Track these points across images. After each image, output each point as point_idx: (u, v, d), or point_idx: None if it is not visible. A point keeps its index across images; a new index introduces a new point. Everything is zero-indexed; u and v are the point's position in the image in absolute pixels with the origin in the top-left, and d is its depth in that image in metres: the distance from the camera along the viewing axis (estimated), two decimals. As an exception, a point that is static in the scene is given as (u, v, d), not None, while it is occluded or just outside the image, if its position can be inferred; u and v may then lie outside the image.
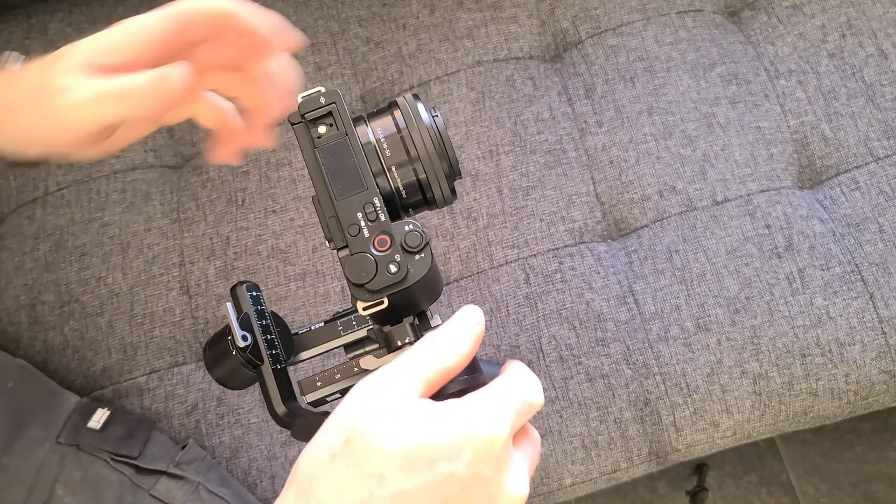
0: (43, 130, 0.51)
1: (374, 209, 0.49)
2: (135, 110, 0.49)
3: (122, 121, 0.53)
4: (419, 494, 0.39)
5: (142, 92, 0.49)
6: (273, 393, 0.56)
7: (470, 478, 0.40)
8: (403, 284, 0.48)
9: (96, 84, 0.49)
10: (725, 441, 0.89)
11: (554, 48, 1.07)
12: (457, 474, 0.40)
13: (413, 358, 0.44)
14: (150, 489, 0.78)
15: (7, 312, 0.94)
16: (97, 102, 0.49)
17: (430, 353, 0.45)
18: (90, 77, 0.50)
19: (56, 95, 0.49)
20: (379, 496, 0.39)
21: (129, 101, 0.49)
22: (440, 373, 0.44)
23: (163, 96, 0.49)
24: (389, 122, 0.52)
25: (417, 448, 0.40)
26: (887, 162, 0.95)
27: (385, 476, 0.39)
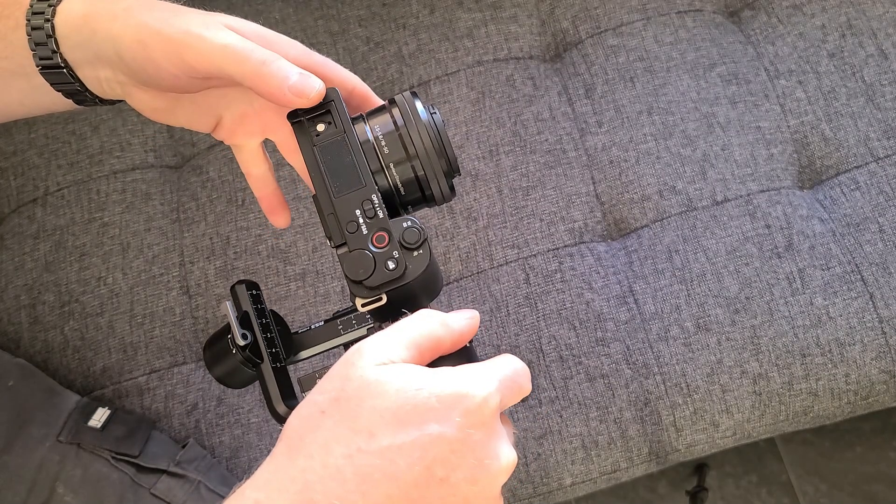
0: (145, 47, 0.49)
1: (373, 206, 0.49)
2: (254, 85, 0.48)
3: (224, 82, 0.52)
4: (407, 452, 0.40)
5: (278, 76, 0.48)
6: (273, 391, 0.56)
7: (459, 440, 0.40)
8: (402, 281, 0.48)
9: (235, 36, 0.48)
10: (725, 441, 0.89)
11: (554, 48, 1.07)
12: (446, 435, 0.40)
13: (406, 324, 0.45)
14: (151, 488, 0.78)
15: (7, 312, 0.95)
16: (228, 53, 0.48)
17: (423, 323, 0.45)
18: (218, 25, 0.49)
19: (194, 23, 0.48)
20: (367, 451, 0.39)
21: (259, 71, 0.48)
22: (431, 341, 0.45)
23: (290, 94, 0.48)
24: (388, 120, 0.52)
25: (408, 407, 0.40)
26: (887, 162, 0.95)
27: (374, 432, 0.40)
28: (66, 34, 0.50)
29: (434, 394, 0.41)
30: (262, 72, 0.47)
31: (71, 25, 0.50)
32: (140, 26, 0.48)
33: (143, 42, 0.48)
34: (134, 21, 0.49)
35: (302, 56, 0.52)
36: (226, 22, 0.50)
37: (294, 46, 0.53)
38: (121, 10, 0.49)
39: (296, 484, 0.39)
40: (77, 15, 0.50)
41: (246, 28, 0.51)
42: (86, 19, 0.50)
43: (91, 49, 0.50)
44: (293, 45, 0.53)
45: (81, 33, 0.50)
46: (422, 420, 0.40)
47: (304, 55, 0.52)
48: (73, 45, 0.50)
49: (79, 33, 0.50)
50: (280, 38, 0.52)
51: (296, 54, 0.52)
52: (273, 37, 0.52)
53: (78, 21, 0.50)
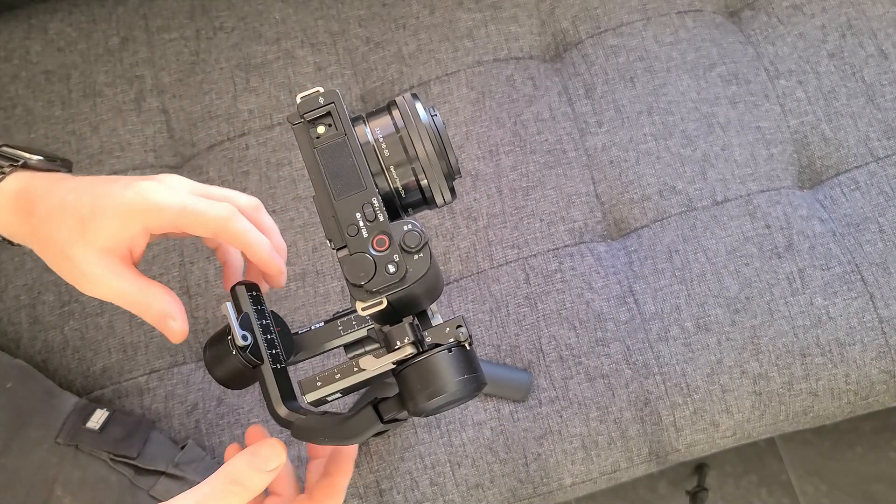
0: (61, 269, 0.58)
1: (373, 209, 0.49)
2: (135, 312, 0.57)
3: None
4: None
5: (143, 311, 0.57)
6: (273, 393, 0.56)
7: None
8: (402, 285, 0.48)
9: (126, 280, 0.57)
10: (725, 441, 0.89)
11: (554, 48, 1.07)
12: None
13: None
14: (150, 489, 0.78)
15: (7, 312, 0.95)
16: (121, 299, 0.57)
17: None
18: (111, 266, 0.57)
19: (81, 276, 0.57)
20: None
21: (135, 307, 0.57)
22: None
23: (154, 323, 0.57)
24: (388, 122, 0.52)
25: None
26: (887, 162, 0.95)
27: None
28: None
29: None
30: (145, 317, 0.59)
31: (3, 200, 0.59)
32: (52, 263, 0.58)
33: (60, 268, 0.59)
34: (47, 257, 0.59)
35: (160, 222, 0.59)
36: (101, 245, 0.57)
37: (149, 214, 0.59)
38: (30, 234, 0.59)
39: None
40: (4, 227, 0.60)
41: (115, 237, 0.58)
42: (13, 234, 0.60)
43: (19, 232, 0.60)
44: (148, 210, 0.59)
45: (13, 235, 0.60)
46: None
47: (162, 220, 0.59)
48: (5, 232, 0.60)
49: (9, 216, 0.59)
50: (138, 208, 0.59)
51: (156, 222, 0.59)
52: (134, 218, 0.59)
53: (6, 229, 0.60)
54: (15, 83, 1.03)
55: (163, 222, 0.57)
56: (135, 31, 1.06)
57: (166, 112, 1.03)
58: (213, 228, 0.58)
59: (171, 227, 0.58)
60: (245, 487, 0.52)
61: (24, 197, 0.59)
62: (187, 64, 1.04)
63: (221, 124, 1.01)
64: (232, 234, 0.59)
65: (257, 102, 1.02)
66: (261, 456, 0.53)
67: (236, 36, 1.05)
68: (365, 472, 0.86)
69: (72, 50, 1.05)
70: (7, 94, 1.03)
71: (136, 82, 1.03)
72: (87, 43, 1.05)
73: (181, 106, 1.03)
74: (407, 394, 0.52)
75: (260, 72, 1.03)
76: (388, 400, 0.54)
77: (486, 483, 0.86)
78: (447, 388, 0.50)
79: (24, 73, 1.04)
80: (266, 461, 0.53)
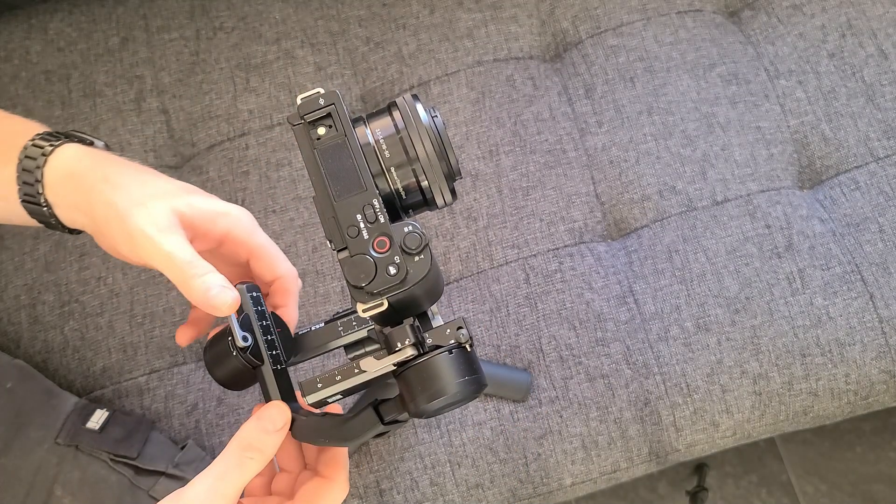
0: (110, 227, 0.57)
1: (374, 211, 0.49)
2: (182, 290, 0.55)
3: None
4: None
5: (201, 289, 0.55)
6: (273, 393, 0.56)
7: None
8: (403, 286, 0.48)
9: (179, 245, 0.55)
10: (725, 441, 0.89)
11: (554, 48, 1.07)
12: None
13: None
14: (150, 490, 0.78)
15: (7, 312, 0.94)
16: (168, 261, 0.55)
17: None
18: (177, 228, 0.56)
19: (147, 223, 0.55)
20: None
21: (188, 283, 0.55)
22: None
23: (208, 306, 0.55)
24: (388, 123, 0.52)
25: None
26: (887, 162, 0.95)
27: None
28: (52, 182, 0.59)
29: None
30: (189, 284, 0.54)
31: (57, 176, 0.59)
32: (109, 208, 0.56)
33: (109, 224, 0.57)
34: (105, 199, 0.57)
35: (242, 234, 0.61)
36: (182, 209, 0.57)
37: (239, 222, 0.61)
38: (99, 181, 0.58)
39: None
40: (64, 171, 0.59)
41: (197, 212, 0.58)
42: (71, 178, 0.58)
43: (71, 201, 0.59)
44: (240, 219, 0.61)
45: (65, 187, 0.59)
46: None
47: (245, 234, 0.61)
48: (56, 191, 0.59)
49: (63, 186, 0.59)
50: (229, 213, 0.61)
51: (239, 231, 0.60)
52: (222, 214, 0.60)
53: (64, 176, 0.59)
54: (15, 83, 1.03)
55: (246, 239, 0.61)
56: (135, 31, 1.05)
57: (166, 112, 1.03)
58: (279, 274, 0.62)
59: (248, 249, 0.61)
60: (260, 451, 0.53)
61: (101, 153, 0.61)
62: (187, 64, 1.04)
63: (221, 124, 1.01)
64: (289, 290, 0.63)
65: (257, 102, 1.02)
66: (267, 418, 0.54)
67: (236, 36, 1.05)
68: (365, 472, 0.86)
69: (72, 50, 1.05)
70: (7, 94, 1.03)
71: (136, 82, 1.03)
72: (87, 43, 1.05)
73: (181, 106, 1.03)
74: (408, 395, 0.52)
75: (260, 72, 1.03)
76: (389, 401, 0.54)
77: (486, 483, 0.86)
78: (448, 389, 0.50)
79: (24, 73, 1.04)
80: (273, 421, 0.54)
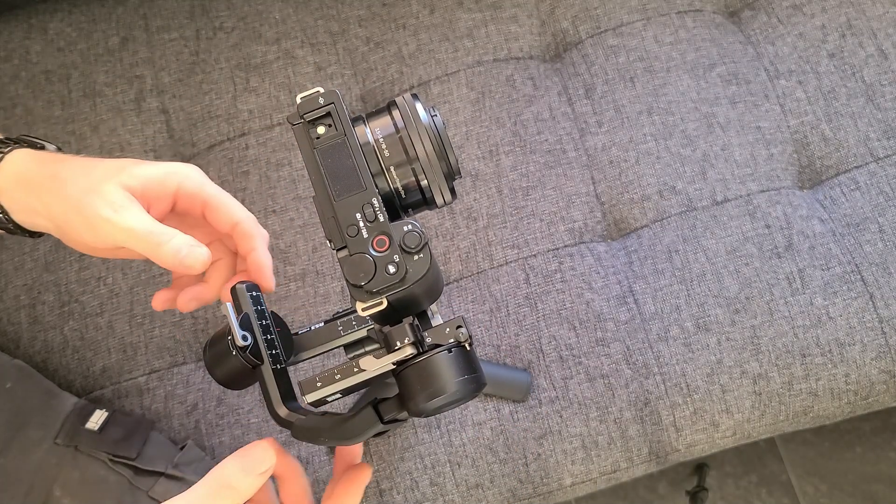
0: (68, 221, 0.58)
1: (373, 210, 0.49)
2: (154, 259, 0.57)
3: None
4: None
5: (171, 253, 0.56)
6: (273, 393, 0.56)
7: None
8: (402, 285, 0.48)
9: (138, 218, 0.56)
10: (725, 441, 0.89)
11: (554, 48, 1.07)
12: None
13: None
14: (149, 490, 0.78)
15: (7, 312, 0.95)
16: (131, 236, 0.56)
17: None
18: (133, 203, 0.57)
19: (102, 206, 0.56)
20: None
21: (156, 251, 0.56)
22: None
23: (182, 267, 0.56)
24: (388, 123, 0.52)
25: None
26: (887, 162, 0.95)
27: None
28: (4, 190, 0.59)
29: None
30: (158, 252, 0.56)
31: (8, 184, 0.59)
32: (64, 203, 0.57)
33: (68, 218, 0.57)
34: (58, 195, 0.57)
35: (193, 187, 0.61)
36: (130, 182, 0.58)
37: (187, 178, 0.61)
38: (48, 180, 0.58)
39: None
40: (13, 178, 0.59)
41: (144, 180, 0.59)
42: (21, 183, 0.59)
43: (26, 205, 0.59)
44: (187, 175, 0.62)
45: (18, 192, 0.59)
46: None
47: (195, 187, 0.61)
48: (10, 198, 0.59)
49: (16, 192, 0.59)
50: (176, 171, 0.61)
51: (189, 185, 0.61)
52: (170, 174, 0.61)
53: (14, 183, 0.59)
54: (15, 83, 1.03)
55: (197, 193, 0.61)
56: (135, 31, 1.06)
57: (166, 112, 1.03)
58: (236, 220, 0.62)
59: (200, 202, 0.61)
60: (236, 490, 0.52)
61: (48, 155, 0.61)
62: (187, 64, 1.04)
63: (221, 124, 1.01)
64: (250, 232, 0.62)
65: (257, 102, 1.02)
66: (251, 458, 0.52)
67: (236, 36, 1.05)
68: (365, 472, 0.86)
69: (72, 50, 1.05)
70: (7, 94, 1.03)
71: (136, 82, 1.03)
72: (87, 43, 1.05)
73: (181, 106, 1.03)
74: (407, 394, 0.51)
75: (260, 72, 1.03)
76: (389, 400, 0.54)
77: (486, 483, 0.86)
78: (447, 388, 0.50)
79: (24, 73, 1.04)
80: (256, 464, 0.52)
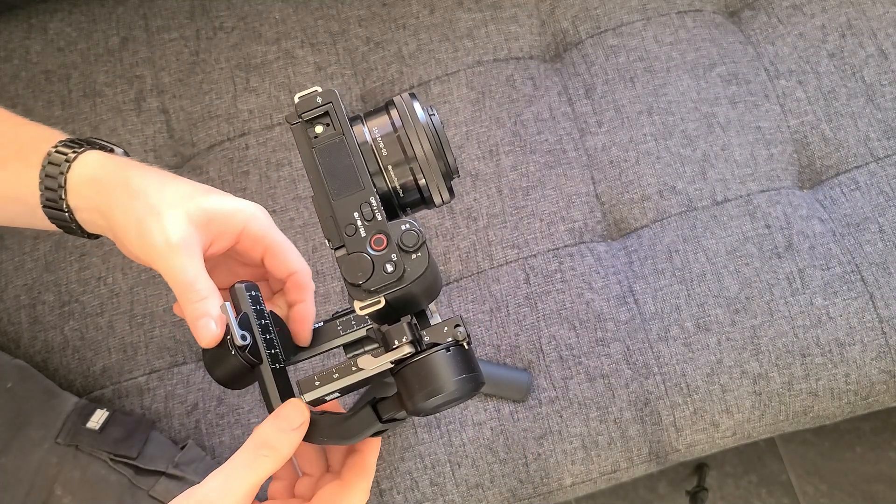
0: (126, 233, 0.57)
1: (371, 209, 0.49)
2: (179, 303, 0.57)
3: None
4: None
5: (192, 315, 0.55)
6: (272, 393, 0.56)
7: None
8: (400, 284, 0.48)
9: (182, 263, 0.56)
10: (725, 441, 0.89)
11: (554, 48, 1.07)
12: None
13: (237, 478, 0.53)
14: (150, 490, 0.78)
15: (7, 312, 0.95)
16: (170, 277, 0.56)
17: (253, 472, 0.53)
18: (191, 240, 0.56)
19: (158, 235, 0.56)
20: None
21: (183, 303, 0.56)
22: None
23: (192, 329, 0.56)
24: (386, 122, 0.52)
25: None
26: (887, 162, 0.95)
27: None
28: (74, 187, 0.59)
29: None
30: (186, 307, 0.55)
31: (80, 181, 0.59)
32: (126, 215, 0.57)
33: (126, 231, 0.57)
34: (123, 205, 0.57)
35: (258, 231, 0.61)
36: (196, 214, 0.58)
37: (255, 220, 0.61)
38: (119, 185, 0.58)
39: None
40: (86, 176, 0.59)
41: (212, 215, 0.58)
42: (93, 182, 0.59)
43: (92, 204, 0.59)
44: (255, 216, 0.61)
45: (88, 191, 0.59)
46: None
47: (261, 231, 0.61)
48: (78, 196, 0.59)
49: (85, 190, 0.59)
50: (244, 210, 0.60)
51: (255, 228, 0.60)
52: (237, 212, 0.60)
53: (86, 181, 0.59)
54: (15, 83, 1.04)
55: (262, 236, 0.60)
56: (135, 31, 1.06)
57: (166, 112, 1.03)
58: (294, 270, 0.61)
59: (263, 245, 0.60)
60: (274, 449, 0.53)
61: (123, 159, 0.61)
62: (187, 64, 1.04)
63: (221, 124, 1.01)
64: (304, 284, 0.62)
65: (257, 102, 1.02)
66: (283, 416, 0.54)
67: (236, 36, 1.05)
68: (364, 471, 0.86)
69: (72, 50, 1.05)
70: (7, 94, 1.03)
71: (136, 82, 1.03)
72: (87, 43, 1.05)
73: (181, 106, 1.03)
74: (405, 393, 0.52)
75: (260, 72, 1.03)
76: (387, 399, 0.54)
77: (486, 483, 0.86)
78: (445, 387, 0.50)
79: (24, 73, 1.04)
80: (290, 420, 0.54)
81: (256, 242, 0.60)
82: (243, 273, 0.63)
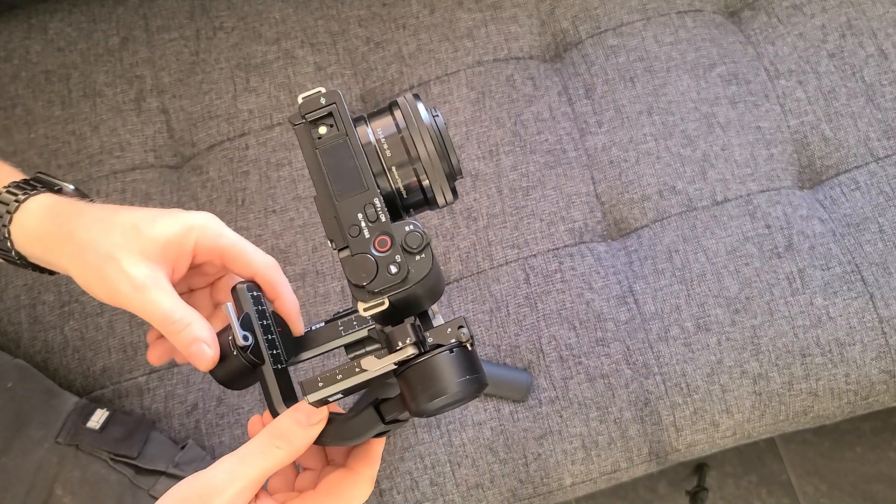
0: (88, 283, 0.57)
1: (375, 210, 0.49)
2: (168, 339, 0.56)
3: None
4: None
5: (183, 344, 0.55)
6: (274, 393, 0.56)
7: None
8: (404, 285, 0.48)
9: (156, 300, 0.55)
10: (725, 441, 0.89)
11: (554, 48, 1.07)
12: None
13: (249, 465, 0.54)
14: (150, 489, 0.78)
15: (7, 312, 0.94)
16: (149, 317, 0.56)
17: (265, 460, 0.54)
18: (157, 277, 0.56)
19: (121, 282, 0.55)
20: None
21: (171, 337, 0.56)
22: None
23: (189, 358, 0.56)
24: (390, 123, 0.51)
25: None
26: (887, 162, 0.95)
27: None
28: (21, 244, 0.59)
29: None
30: (174, 339, 0.55)
31: (24, 240, 0.59)
32: (83, 269, 0.57)
33: (88, 283, 0.57)
34: (75, 262, 0.57)
35: (209, 241, 0.60)
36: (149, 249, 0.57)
37: (204, 231, 0.60)
38: (65, 242, 0.57)
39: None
40: (30, 235, 0.59)
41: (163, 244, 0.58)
42: (38, 241, 0.59)
43: (43, 259, 0.59)
44: (204, 227, 0.60)
45: (34, 248, 0.59)
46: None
47: (211, 240, 0.60)
48: (27, 250, 0.59)
49: (32, 248, 0.59)
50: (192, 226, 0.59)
51: (206, 240, 0.59)
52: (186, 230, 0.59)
53: (31, 240, 0.59)
54: (15, 83, 1.03)
55: (214, 245, 0.59)
56: (135, 31, 1.06)
57: (166, 112, 1.03)
58: (256, 269, 0.60)
59: (219, 253, 0.60)
60: (290, 442, 0.53)
61: (63, 205, 0.60)
62: (187, 64, 1.04)
63: (221, 124, 1.01)
64: (272, 279, 0.61)
65: (257, 102, 1.02)
66: (304, 410, 0.54)
67: (236, 36, 1.05)
68: (365, 472, 0.86)
69: (72, 50, 1.05)
70: (7, 94, 1.03)
71: (136, 82, 1.03)
72: (87, 43, 1.05)
73: (181, 106, 1.03)
74: (408, 394, 0.51)
75: (260, 72, 1.03)
76: (390, 400, 0.54)
77: (486, 483, 0.86)
78: (449, 388, 0.50)
79: (24, 73, 1.04)
80: (309, 415, 0.54)
81: (211, 253, 0.60)
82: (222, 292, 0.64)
